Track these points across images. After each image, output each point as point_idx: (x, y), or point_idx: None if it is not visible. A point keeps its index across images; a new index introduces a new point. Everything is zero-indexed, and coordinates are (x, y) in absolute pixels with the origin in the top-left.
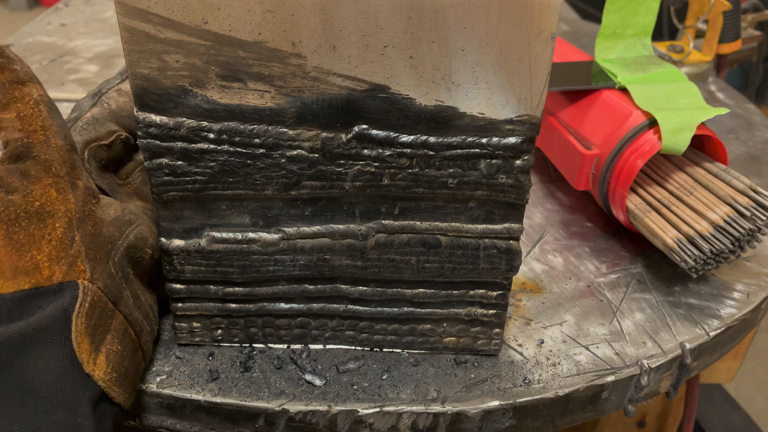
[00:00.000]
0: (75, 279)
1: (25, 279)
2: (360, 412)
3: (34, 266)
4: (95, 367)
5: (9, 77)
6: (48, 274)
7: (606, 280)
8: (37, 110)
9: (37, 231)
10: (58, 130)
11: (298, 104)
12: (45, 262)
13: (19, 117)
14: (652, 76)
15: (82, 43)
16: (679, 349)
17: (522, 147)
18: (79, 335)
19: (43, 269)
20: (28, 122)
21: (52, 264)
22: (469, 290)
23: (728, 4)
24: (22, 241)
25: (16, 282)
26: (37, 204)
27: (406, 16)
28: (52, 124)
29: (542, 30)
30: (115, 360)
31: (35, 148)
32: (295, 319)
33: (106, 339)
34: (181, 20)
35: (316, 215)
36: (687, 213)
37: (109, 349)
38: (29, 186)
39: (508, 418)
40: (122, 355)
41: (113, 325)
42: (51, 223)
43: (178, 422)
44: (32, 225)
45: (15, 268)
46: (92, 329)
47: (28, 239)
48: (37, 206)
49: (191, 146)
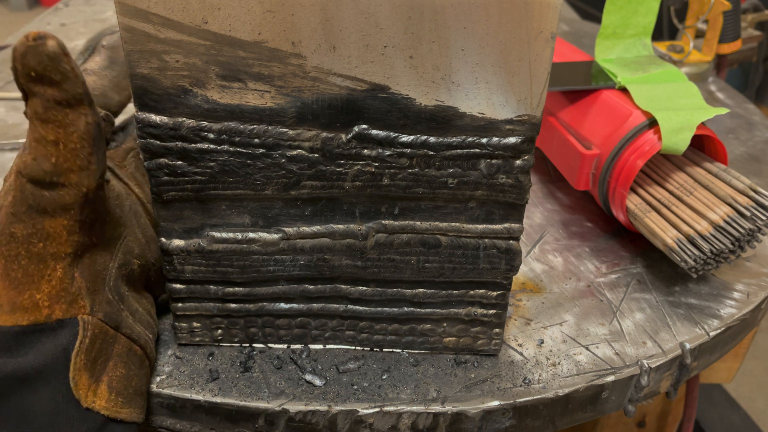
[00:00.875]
0: (75, 315)
1: (24, 315)
2: (360, 412)
3: (32, 304)
4: (96, 397)
5: (57, 96)
6: (47, 313)
7: (606, 280)
8: (80, 146)
9: (37, 272)
10: (96, 169)
11: (298, 104)
12: (44, 302)
13: (58, 147)
14: (652, 76)
15: (82, 43)
16: (679, 349)
17: (522, 147)
18: (77, 373)
19: (42, 308)
20: (67, 158)
21: (52, 303)
22: (469, 290)
23: (728, 4)
24: (21, 280)
25: (13, 317)
26: (40, 246)
27: (406, 16)
28: (92, 163)
29: (542, 30)
30: (119, 385)
31: (61, 190)
32: (295, 319)
33: (107, 367)
34: (181, 20)
35: (316, 215)
36: (687, 213)
37: (111, 376)
38: (38, 222)
39: (508, 418)
40: (128, 377)
41: (115, 350)
42: (52, 265)
43: (178, 422)
44: (32, 266)
45: (13, 303)
46: (92, 363)
47: (27, 279)
48: (40, 248)
49: (191, 146)
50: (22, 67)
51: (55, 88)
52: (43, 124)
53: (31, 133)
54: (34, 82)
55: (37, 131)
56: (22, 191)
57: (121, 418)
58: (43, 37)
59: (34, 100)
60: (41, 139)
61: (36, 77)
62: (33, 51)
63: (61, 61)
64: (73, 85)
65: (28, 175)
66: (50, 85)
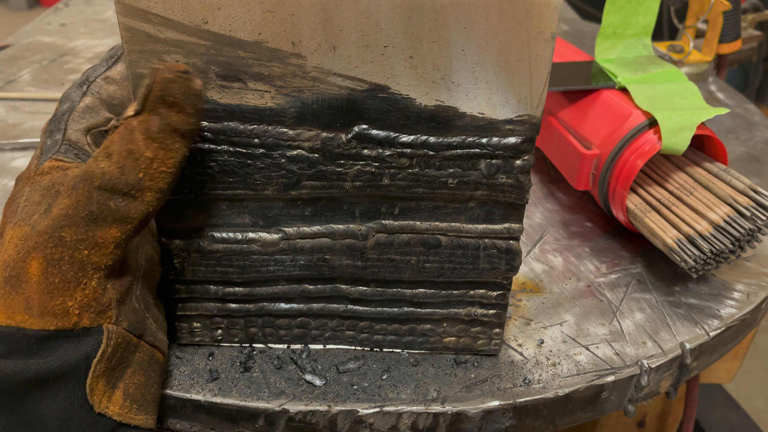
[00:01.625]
0: (101, 324)
1: (52, 321)
2: (360, 412)
3: (63, 311)
4: (110, 403)
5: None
6: (75, 321)
7: (606, 280)
8: (171, 171)
9: (74, 280)
10: (167, 195)
11: (298, 104)
12: (75, 310)
13: (151, 162)
14: (652, 76)
15: (82, 43)
16: (679, 349)
17: (522, 147)
18: (94, 380)
19: (72, 316)
20: (152, 177)
21: (82, 312)
22: (469, 290)
23: (728, 4)
24: (57, 285)
25: (42, 321)
26: (86, 253)
27: (406, 16)
28: (168, 189)
29: (542, 30)
30: (135, 393)
31: (131, 203)
32: (295, 319)
33: (125, 374)
34: (181, 20)
35: (316, 215)
36: (687, 213)
37: (128, 383)
38: (92, 230)
39: (508, 418)
40: (147, 384)
41: (136, 358)
42: (90, 274)
43: (178, 422)
44: (71, 272)
45: (44, 307)
46: (110, 371)
47: (63, 285)
48: (85, 255)
49: (191, 146)
50: (162, 90)
51: (182, 116)
52: (148, 140)
53: (121, 145)
54: (164, 105)
55: (137, 145)
56: (88, 197)
57: (136, 424)
58: (190, 72)
59: (152, 118)
60: (137, 152)
61: (170, 103)
62: (181, 81)
63: (201, 99)
64: (198, 122)
65: (104, 183)
66: (178, 113)
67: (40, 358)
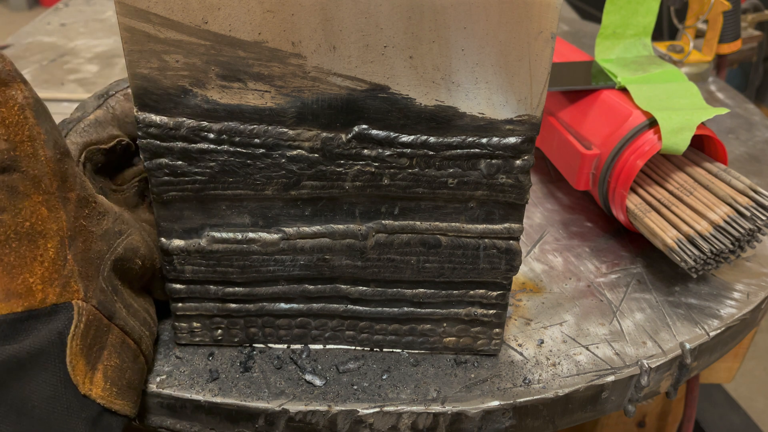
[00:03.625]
0: (69, 300)
1: (18, 302)
2: (360, 412)
3: (26, 289)
4: (92, 385)
5: None
6: (41, 297)
7: (606, 280)
8: (23, 117)
9: (29, 252)
10: (47, 138)
11: (298, 104)
12: (38, 285)
13: (4, 124)
14: (652, 76)
15: (82, 43)
16: (679, 349)
17: (522, 147)
18: (74, 357)
19: (36, 292)
20: (14, 131)
21: (45, 286)
22: (469, 290)
23: (728, 4)
24: (13, 264)
25: (8, 305)
26: (27, 224)
27: (406, 16)
28: (39, 132)
29: (542, 30)
30: (114, 375)
31: (22, 162)
32: (295, 319)
33: (102, 356)
34: (181, 20)
35: (316, 215)
36: (687, 213)
37: (106, 365)
38: (18, 204)
39: (508, 418)
40: (122, 368)
41: (109, 340)
42: (42, 244)
43: (178, 422)
44: (23, 246)
45: (7, 290)
46: (87, 349)
47: (20, 261)
48: (27, 227)
49: (191, 146)
50: None
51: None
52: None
53: None
54: None
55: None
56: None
57: (115, 409)
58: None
59: None
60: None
61: None
62: None
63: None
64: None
65: None
66: None
67: (15, 342)
